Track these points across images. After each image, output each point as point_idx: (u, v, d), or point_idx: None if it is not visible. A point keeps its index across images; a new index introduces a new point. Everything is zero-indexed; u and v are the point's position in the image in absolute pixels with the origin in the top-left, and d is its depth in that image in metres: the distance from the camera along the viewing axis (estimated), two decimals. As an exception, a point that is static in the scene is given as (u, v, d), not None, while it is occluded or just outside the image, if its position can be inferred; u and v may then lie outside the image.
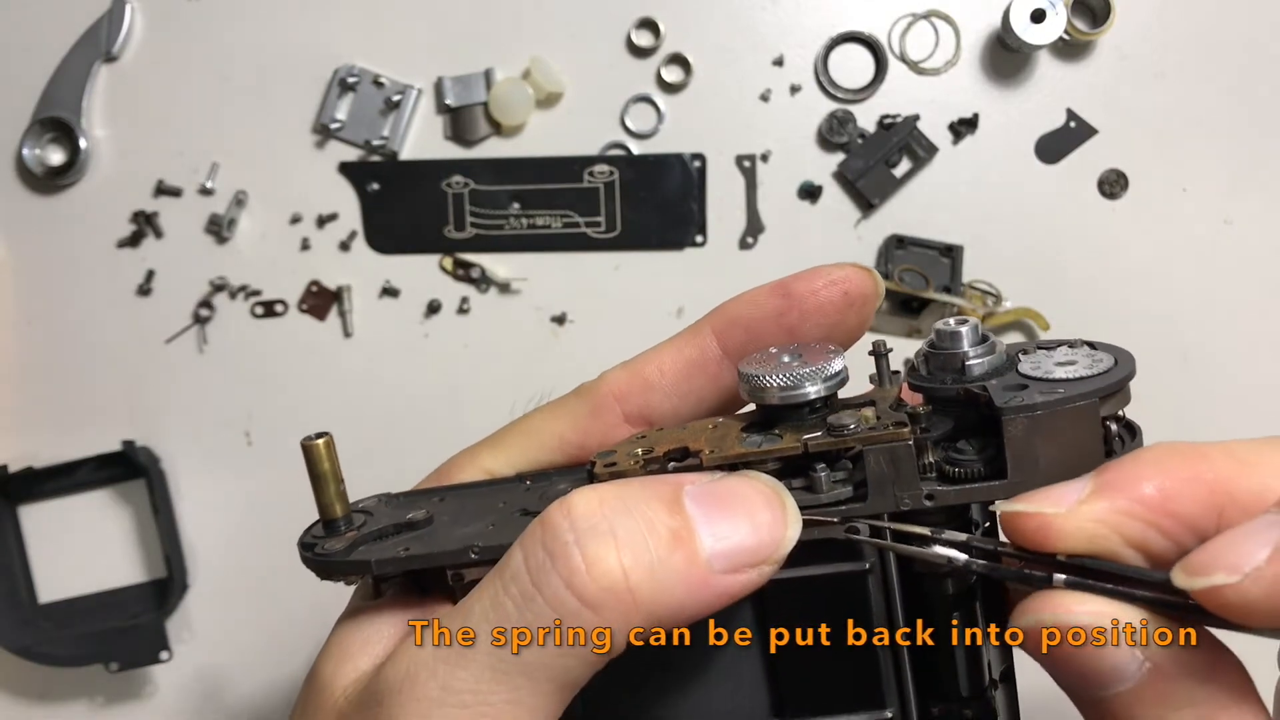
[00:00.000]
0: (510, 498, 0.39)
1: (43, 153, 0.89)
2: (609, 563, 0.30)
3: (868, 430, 0.33)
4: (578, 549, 0.31)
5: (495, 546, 0.34)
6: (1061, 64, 0.85)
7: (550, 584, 0.31)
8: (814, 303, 0.38)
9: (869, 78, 0.86)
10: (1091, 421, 0.33)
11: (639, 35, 0.86)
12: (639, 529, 0.31)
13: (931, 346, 0.36)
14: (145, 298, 0.90)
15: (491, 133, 0.88)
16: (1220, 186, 0.85)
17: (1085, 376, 0.33)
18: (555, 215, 0.88)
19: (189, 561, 0.90)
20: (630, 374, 0.41)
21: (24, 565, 0.91)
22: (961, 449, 0.34)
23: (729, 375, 0.39)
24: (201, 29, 0.88)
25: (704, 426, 0.37)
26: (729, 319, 0.40)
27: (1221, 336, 0.86)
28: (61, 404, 0.91)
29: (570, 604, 0.30)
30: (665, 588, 0.31)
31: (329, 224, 0.89)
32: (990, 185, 0.86)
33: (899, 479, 0.33)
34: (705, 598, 0.31)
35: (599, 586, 0.30)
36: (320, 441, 0.37)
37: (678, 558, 0.31)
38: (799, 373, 0.34)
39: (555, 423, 0.42)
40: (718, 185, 0.87)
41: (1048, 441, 0.32)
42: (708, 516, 0.32)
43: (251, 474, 0.90)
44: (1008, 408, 0.32)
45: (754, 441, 0.34)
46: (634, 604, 0.30)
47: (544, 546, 0.31)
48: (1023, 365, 0.35)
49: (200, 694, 0.92)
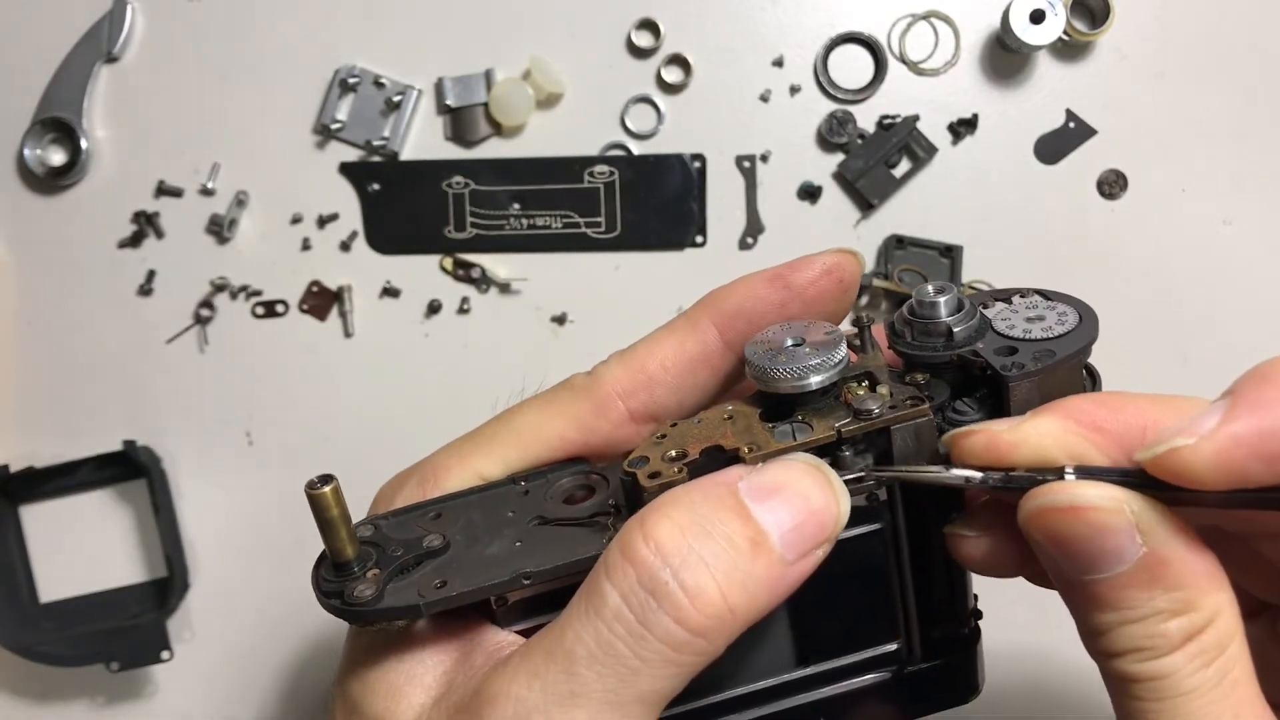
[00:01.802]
0: (515, 505, 0.38)
1: (44, 153, 0.89)
2: (710, 593, 0.32)
3: (891, 412, 0.35)
4: (678, 585, 0.32)
5: (547, 570, 0.35)
6: (1061, 64, 0.85)
7: (660, 623, 0.32)
8: (813, 292, 0.40)
9: (869, 78, 0.86)
10: (1077, 374, 0.38)
11: (639, 35, 0.86)
12: (724, 549, 0.32)
13: (912, 314, 0.38)
14: (146, 298, 0.90)
15: (492, 133, 0.88)
16: (1220, 186, 0.85)
17: (1064, 334, 0.37)
18: (555, 215, 0.88)
19: (189, 561, 0.90)
20: (632, 370, 0.41)
21: (25, 565, 0.91)
22: (961, 410, 0.37)
23: (731, 365, 0.40)
24: (202, 29, 0.88)
25: (720, 416, 0.38)
26: (730, 312, 0.40)
27: (1221, 336, 0.86)
28: (62, 404, 0.91)
29: (681, 637, 0.32)
30: (756, 595, 0.33)
31: (330, 224, 0.89)
32: (990, 185, 0.86)
33: (920, 450, 0.36)
34: (783, 590, 0.33)
35: (705, 615, 0.32)
36: (328, 489, 0.36)
37: (760, 565, 0.33)
38: (810, 364, 0.36)
39: (554, 421, 0.41)
40: (718, 185, 0.87)
41: (1043, 397, 0.36)
42: (772, 513, 0.33)
43: (252, 474, 0.90)
44: (1012, 375, 0.36)
45: (785, 433, 0.36)
46: (735, 621, 0.32)
47: (643, 586, 0.32)
48: (998, 325, 0.38)
49: (200, 694, 0.92)
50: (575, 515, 0.37)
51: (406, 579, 0.36)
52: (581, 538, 0.36)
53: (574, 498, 0.38)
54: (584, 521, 0.37)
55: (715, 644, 0.33)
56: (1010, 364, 0.36)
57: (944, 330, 0.38)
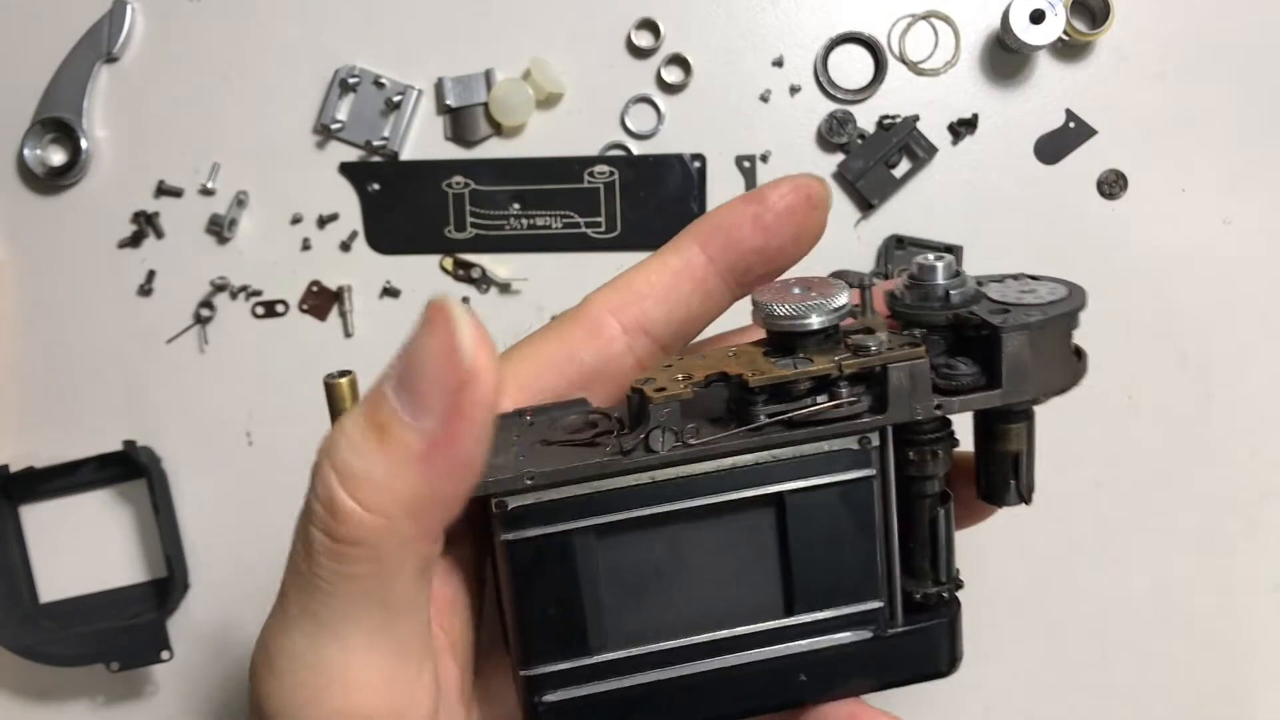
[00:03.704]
0: (520, 431, 0.38)
1: (44, 153, 0.89)
2: (337, 497, 0.31)
3: (888, 351, 0.37)
4: (313, 495, 0.32)
5: (548, 472, 0.35)
6: (1061, 65, 0.85)
7: (313, 538, 0.32)
8: (784, 205, 0.40)
9: (869, 78, 0.86)
10: (1066, 336, 0.39)
11: (639, 36, 0.86)
12: (345, 443, 0.31)
13: (911, 278, 0.40)
14: (146, 298, 0.90)
15: (492, 133, 0.88)
16: (1220, 186, 0.85)
17: (1053, 301, 0.39)
18: (555, 215, 0.88)
19: (190, 561, 0.90)
20: (618, 289, 0.41)
21: (25, 565, 0.91)
22: (955, 365, 0.38)
23: (713, 280, 0.41)
24: (202, 29, 0.88)
25: (725, 353, 0.39)
26: (709, 228, 0.41)
27: (1221, 336, 0.86)
28: (62, 404, 0.91)
29: (333, 547, 0.31)
30: (399, 483, 0.31)
31: (330, 224, 0.89)
32: (990, 185, 0.86)
33: (915, 392, 0.37)
34: (442, 466, 0.31)
35: (343, 522, 0.31)
36: (344, 380, 0.36)
37: (393, 447, 0.31)
38: (812, 303, 0.37)
39: (553, 345, 0.41)
40: (718, 185, 0.87)
41: (1035, 354, 0.37)
42: (400, 387, 0.31)
43: (252, 474, 0.90)
44: (1006, 327, 0.37)
45: (786, 364, 0.37)
46: (389, 520, 0.31)
47: (306, 499, 0.32)
48: (992, 294, 0.40)
49: (200, 694, 0.92)
50: (578, 438, 0.38)
51: None
52: (585, 453, 0.37)
53: (578, 429, 0.39)
54: (587, 441, 0.37)
55: (386, 548, 0.31)
56: (1002, 320, 0.38)
57: (941, 293, 0.39)
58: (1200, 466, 0.86)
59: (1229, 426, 0.86)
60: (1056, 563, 0.87)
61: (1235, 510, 0.87)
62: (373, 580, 0.32)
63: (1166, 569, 0.87)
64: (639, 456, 0.36)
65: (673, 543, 0.37)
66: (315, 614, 0.33)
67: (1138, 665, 0.88)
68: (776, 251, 0.40)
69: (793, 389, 0.36)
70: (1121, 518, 0.87)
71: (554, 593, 0.37)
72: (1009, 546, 0.86)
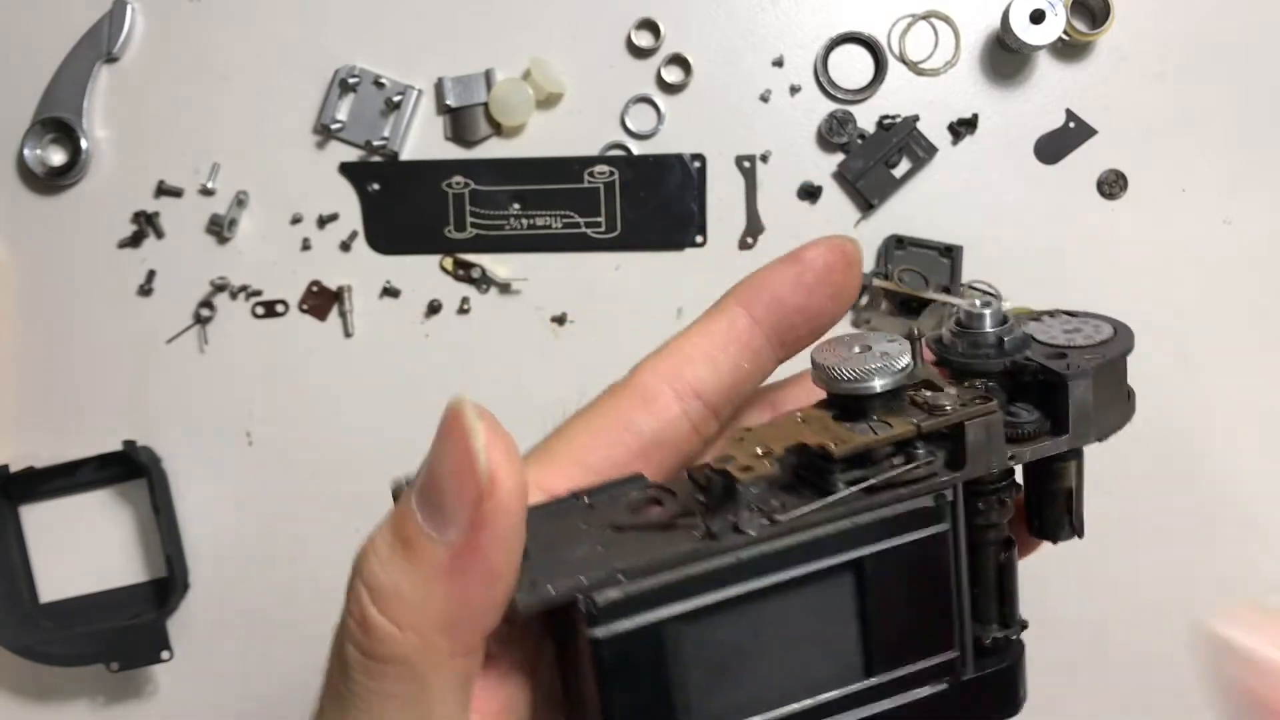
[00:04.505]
0: (584, 517, 0.37)
1: (44, 153, 0.89)
2: (368, 612, 0.31)
3: (962, 408, 0.37)
4: (347, 611, 0.31)
5: (642, 565, 0.34)
6: (1061, 64, 0.85)
7: (347, 654, 0.31)
8: (822, 263, 0.41)
9: (869, 78, 0.86)
10: (1122, 377, 0.40)
11: (639, 36, 0.86)
12: (372, 558, 0.31)
13: (960, 326, 0.40)
14: (146, 298, 0.90)
15: (492, 133, 0.88)
16: (1220, 186, 0.85)
17: (1105, 340, 0.39)
18: (555, 215, 0.88)
19: (189, 561, 0.90)
20: (665, 355, 0.41)
21: (25, 565, 0.91)
22: (1017, 413, 0.38)
23: (760, 341, 0.41)
24: (202, 29, 0.88)
25: (792, 420, 0.38)
26: (751, 288, 0.41)
27: (1221, 336, 0.86)
28: (62, 404, 0.91)
29: (365, 664, 0.31)
30: (425, 599, 0.31)
31: (330, 224, 0.89)
32: (990, 185, 0.86)
33: (991, 446, 0.37)
34: (465, 580, 0.31)
35: (376, 640, 0.31)
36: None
37: (418, 559, 0.31)
38: (876, 365, 0.37)
39: (607, 417, 0.40)
40: (718, 185, 0.87)
41: (1097, 397, 0.38)
42: (422, 500, 0.31)
43: (252, 474, 0.90)
44: (1071, 374, 0.38)
45: (863, 429, 0.37)
46: (419, 636, 0.31)
47: (342, 616, 0.31)
48: (1039, 335, 0.40)
49: (200, 694, 0.92)
50: (654, 521, 0.37)
51: None
52: (669, 539, 0.36)
53: (642, 509, 0.38)
54: (664, 524, 0.36)
55: (422, 665, 0.31)
56: (1065, 364, 0.38)
57: (993, 341, 0.39)
58: (1200, 466, 0.86)
59: (1229, 427, 0.86)
60: (1056, 563, 0.87)
61: (1235, 510, 0.87)
62: (410, 699, 0.32)
63: (1166, 569, 0.87)
64: (728, 539, 0.35)
65: (753, 618, 0.37)
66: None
67: (1138, 665, 0.88)
68: (818, 311, 0.40)
69: (874, 454, 0.36)
70: (1121, 518, 0.87)
71: (646, 686, 0.36)
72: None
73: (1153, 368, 0.86)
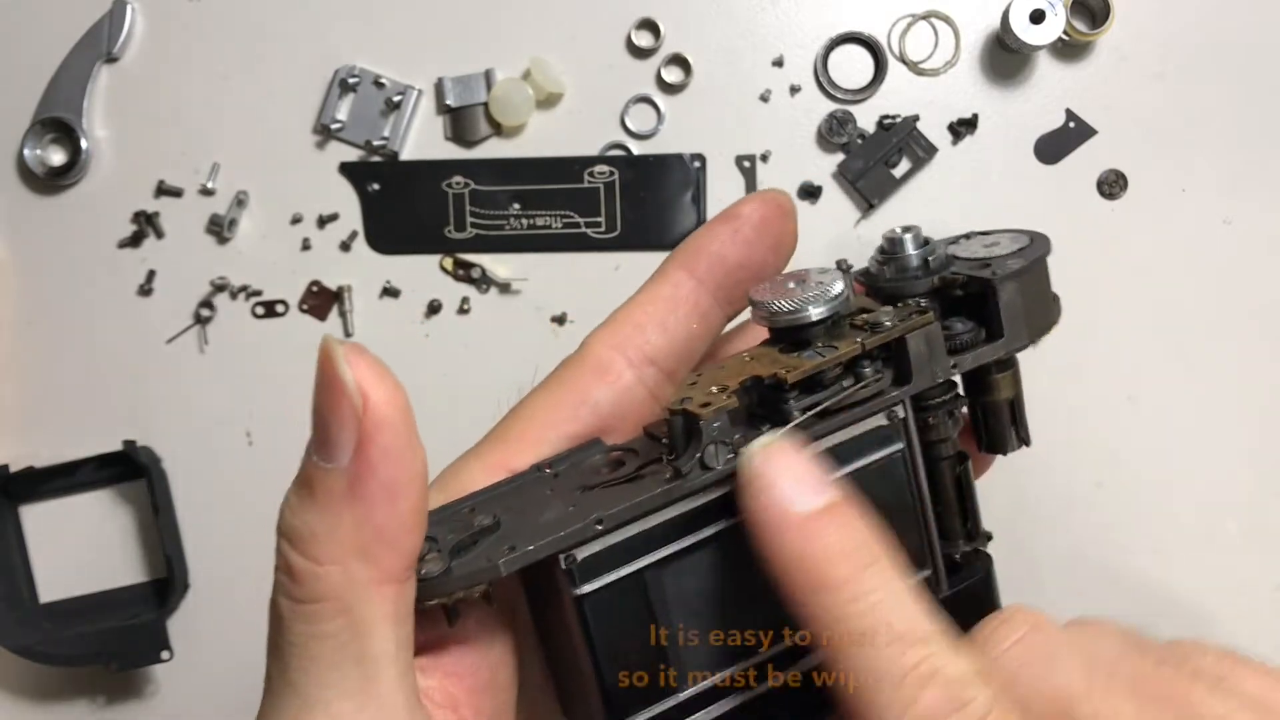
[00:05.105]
0: (550, 485, 0.38)
1: (43, 153, 0.89)
2: (288, 556, 0.33)
3: (901, 322, 0.38)
4: (278, 572, 0.33)
5: (617, 512, 0.35)
6: (1061, 64, 0.85)
7: (277, 603, 0.33)
8: (758, 217, 0.41)
9: (869, 78, 0.86)
10: (1045, 276, 0.42)
11: (639, 35, 0.86)
12: (283, 510, 0.33)
13: (884, 254, 0.41)
14: (146, 298, 0.90)
15: (492, 133, 0.88)
16: (1220, 186, 0.85)
17: (1024, 248, 0.41)
18: (555, 215, 0.88)
19: (190, 561, 0.90)
20: (616, 326, 0.41)
21: (25, 565, 0.91)
22: (952, 325, 0.40)
23: (706, 300, 0.41)
24: (201, 29, 0.88)
25: (741, 359, 0.39)
26: (691, 250, 0.42)
27: (1221, 336, 0.86)
28: (62, 404, 0.91)
29: (293, 609, 0.32)
30: (317, 526, 0.32)
31: (329, 224, 0.89)
32: (990, 185, 0.86)
33: (933, 356, 0.38)
34: (365, 502, 0.32)
35: (297, 581, 0.32)
36: None
37: (317, 491, 0.32)
38: (813, 294, 0.38)
39: (563, 392, 0.40)
40: (718, 185, 0.87)
41: (1025, 299, 0.39)
42: (313, 438, 0.33)
43: (252, 474, 0.90)
44: (999, 279, 0.39)
45: (810, 355, 0.37)
46: (334, 571, 0.32)
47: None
48: (962, 253, 0.42)
49: (200, 694, 0.92)
50: (621, 476, 0.37)
51: (469, 554, 0.35)
52: (639, 487, 0.36)
53: (605, 471, 0.38)
54: (630, 476, 0.37)
55: (350, 596, 0.32)
56: (991, 271, 0.39)
57: (918, 262, 0.41)
58: (1200, 466, 0.86)
59: (1229, 426, 0.86)
60: (1056, 563, 0.87)
61: (1235, 510, 0.87)
62: (344, 636, 0.32)
63: (1166, 569, 0.87)
64: (696, 476, 0.35)
65: (727, 557, 0.37)
66: (295, 685, 0.32)
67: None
68: (759, 263, 0.41)
69: (823, 378, 0.37)
70: (1121, 518, 0.87)
71: (635, 638, 0.36)
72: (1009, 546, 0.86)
73: (1153, 367, 0.86)
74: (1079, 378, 0.85)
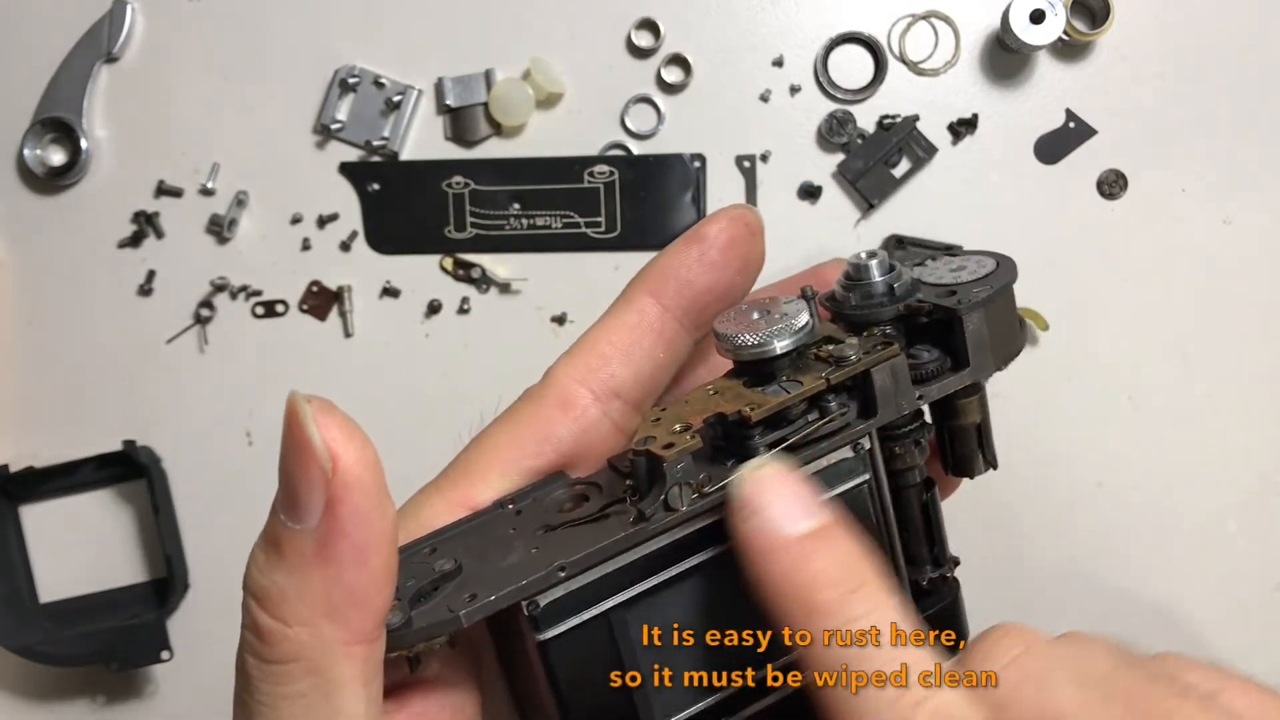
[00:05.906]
0: (513, 523, 0.37)
1: (44, 153, 0.89)
2: (254, 614, 0.32)
3: (866, 356, 0.37)
4: (245, 631, 0.32)
5: (580, 559, 0.34)
6: (1061, 64, 0.85)
7: (243, 661, 0.32)
8: (725, 238, 0.40)
9: (868, 78, 0.86)
10: (1011, 304, 0.41)
11: (639, 36, 0.86)
12: (250, 568, 0.32)
13: (849, 279, 0.41)
14: (146, 298, 0.90)
15: (492, 133, 0.88)
16: (1220, 186, 0.85)
17: (990, 273, 0.41)
18: (555, 215, 0.88)
19: (190, 561, 0.90)
20: (581, 357, 0.40)
21: (25, 565, 0.91)
22: (918, 354, 0.39)
23: (672, 327, 0.40)
24: (201, 29, 0.88)
25: (705, 393, 0.38)
26: (657, 275, 0.41)
27: (1221, 336, 0.86)
28: (62, 404, 0.91)
29: (259, 669, 0.32)
30: (284, 593, 0.31)
31: (329, 224, 0.89)
32: (989, 185, 0.86)
33: (898, 389, 0.38)
34: (321, 569, 0.31)
35: (264, 641, 0.31)
36: None
37: (283, 556, 0.31)
38: (777, 328, 0.37)
39: (523, 431, 0.39)
40: (718, 185, 0.87)
41: (991, 328, 0.39)
42: (280, 497, 0.32)
43: (252, 474, 0.90)
44: (963, 308, 0.38)
45: (774, 390, 0.37)
46: (299, 634, 0.31)
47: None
48: (928, 278, 0.41)
49: (200, 694, 0.92)
50: (584, 515, 0.36)
51: (430, 602, 0.34)
52: (603, 529, 0.35)
53: (570, 506, 0.38)
54: (594, 517, 0.36)
55: (319, 658, 0.31)
56: (956, 300, 0.39)
57: (883, 289, 0.40)
58: (1200, 466, 0.86)
59: (1229, 426, 0.86)
60: (1057, 563, 0.87)
61: (1235, 510, 0.87)
62: (313, 697, 0.31)
63: (1166, 569, 0.87)
64: (660, 519, 0.35)
65: (695, 593, 0.37)
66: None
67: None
68: (727, 287, 0.40)
69: (789, 413, 0.37)
70: (1121, 518, 0.87)
71: (601, 681, 0.36)
72: (1009, 546, 0.86)
73: (1153, 367, 0.86)
74: (1079, 378, 0.85)
